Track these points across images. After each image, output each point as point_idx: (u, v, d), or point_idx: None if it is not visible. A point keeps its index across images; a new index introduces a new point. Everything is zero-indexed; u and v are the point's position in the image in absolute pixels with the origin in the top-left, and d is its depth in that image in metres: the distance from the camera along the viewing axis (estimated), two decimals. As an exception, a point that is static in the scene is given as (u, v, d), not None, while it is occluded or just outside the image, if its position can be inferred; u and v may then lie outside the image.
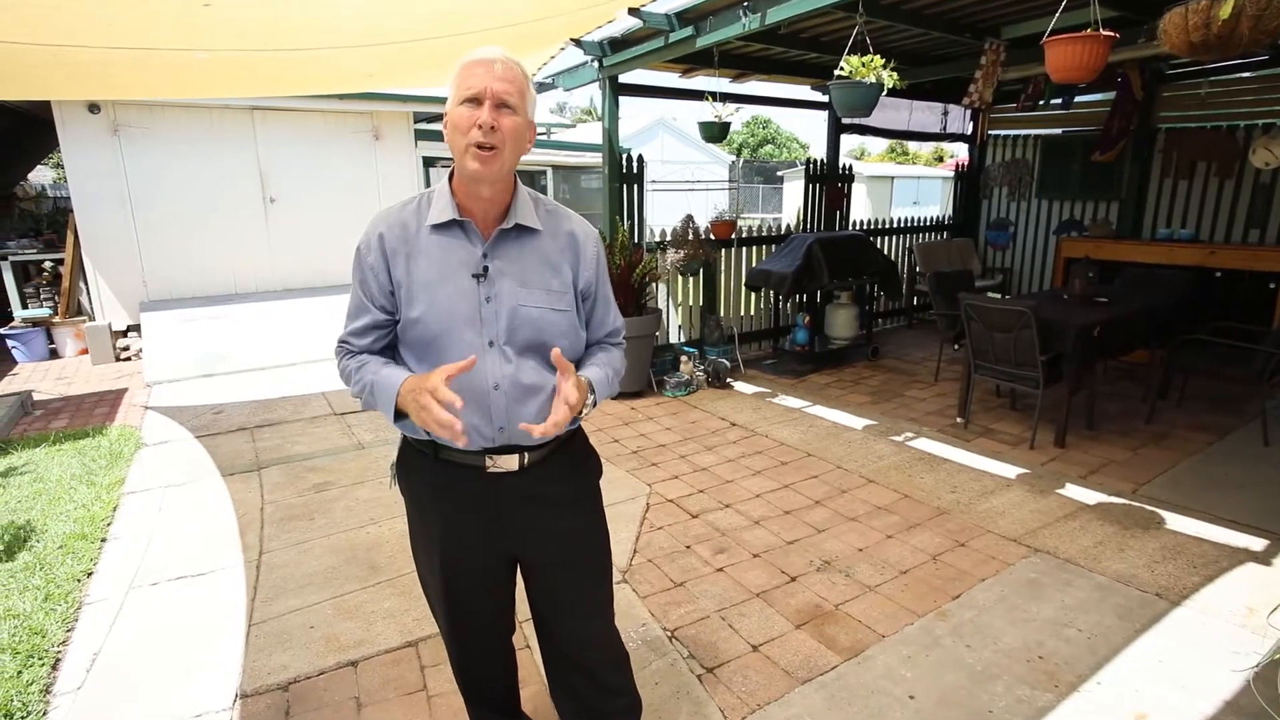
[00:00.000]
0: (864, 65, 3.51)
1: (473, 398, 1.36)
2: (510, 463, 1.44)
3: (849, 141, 7.14)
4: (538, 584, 1.58)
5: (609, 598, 1.67)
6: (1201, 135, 6.29)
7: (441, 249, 1.38)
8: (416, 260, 1.38)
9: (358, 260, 1.43)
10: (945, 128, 7.55)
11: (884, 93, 3.63)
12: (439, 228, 1.39)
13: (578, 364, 1.49)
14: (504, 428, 1.41)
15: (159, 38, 3.07)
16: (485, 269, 1.38)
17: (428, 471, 1.49)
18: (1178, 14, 2.20)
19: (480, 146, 1.28)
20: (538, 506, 1.49)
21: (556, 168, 13.19)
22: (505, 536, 1.51)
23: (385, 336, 1.46)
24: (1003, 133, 7.97)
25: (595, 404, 1.42)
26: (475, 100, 1.29)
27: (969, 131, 7.87)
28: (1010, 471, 3.86)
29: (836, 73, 3.60)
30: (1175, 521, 3.25)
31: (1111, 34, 2.65)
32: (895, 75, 3.52)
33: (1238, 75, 6.09)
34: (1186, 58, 2.48)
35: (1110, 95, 6.71)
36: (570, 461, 1.55)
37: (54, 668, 2.33)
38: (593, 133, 15.31)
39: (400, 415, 1.36)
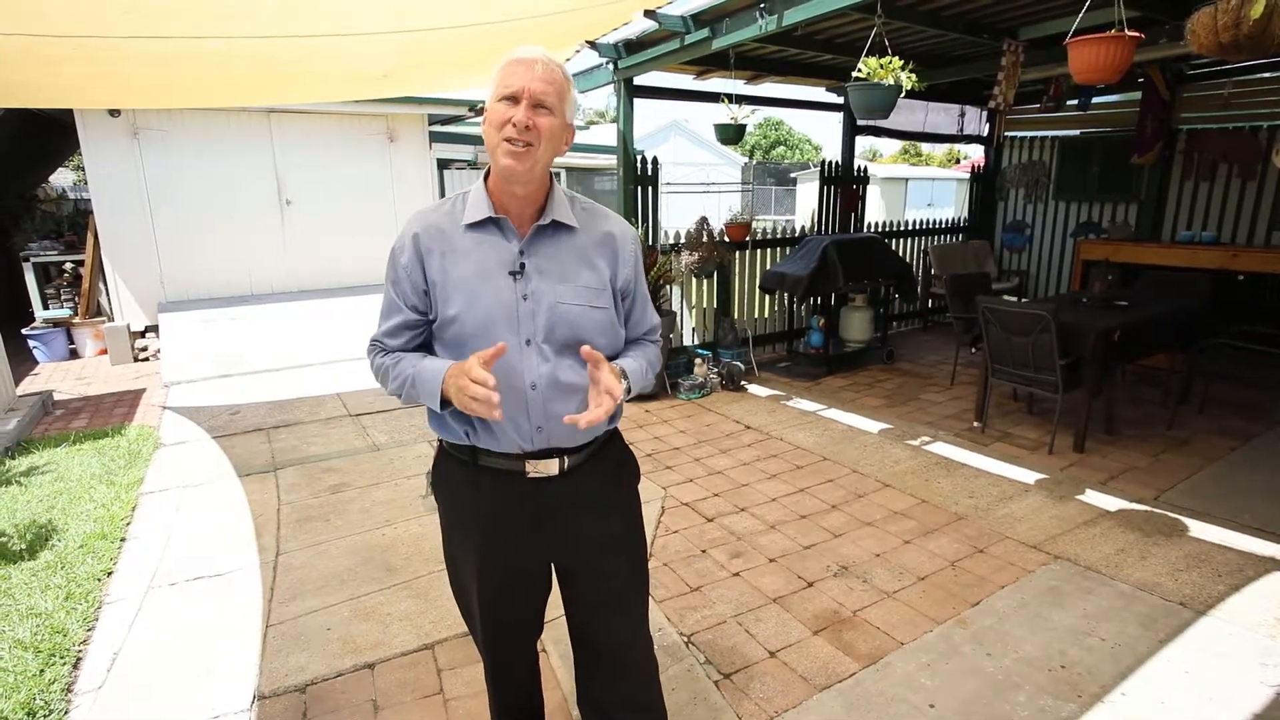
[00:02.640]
0: (882, 67, 3.49)
1: (510, 397, 1.34)
2: (550, 467, 1.42)
3: (861, 143, 7.09)
4: (576, 590, 1.55)
5: (646, 604, 1.63)
6: (1223, 136, 6.21)
7: (477, 247, 1.37)
8: (452, 259, 1.37)
9: (392, 260, 1.41)
10: (962, 129, 7.50)
11: (902, 94, 3.60)
12: (474, 226, 1.37)
13: (612, 359, 1.46)
14: (542, 428, 1.38)
15: (174, 24, 3.07)
16: (522, 266, 1.36)
17: (466, 479, 1.46)
18: (1206, 14, 2.17)
19: (512, 141, 1.27)
20: (579, 511, 1.47)
21: (570, 170, 13.21)
22: (546, 542, 1.49)
23: (417, 337, 1.45)
24: (1019, 134, 7.90)
25: (630, 392, 1.40)
26: (513, 99, 1.28)
27: (985, 133, 7.81)
28: (1029, 477, 3.82)
29: (855, 74, 3.58)
30: (1198, 529, 3.19)
31: (1137, 34, 2.61)
32: (914, 77, 3.49)
33: (1260, 75, 6.00)
34: (1215, 58, 2.44)
35: (1129, 96, 6.64)
36: (611, 464, 1.53)
37: (75, 666, 2.35)
38: (605, 135, 15.31)
39: (445, 405, 1.35)
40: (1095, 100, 6.55)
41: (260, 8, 2.98)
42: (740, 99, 5.34)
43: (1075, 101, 6.20)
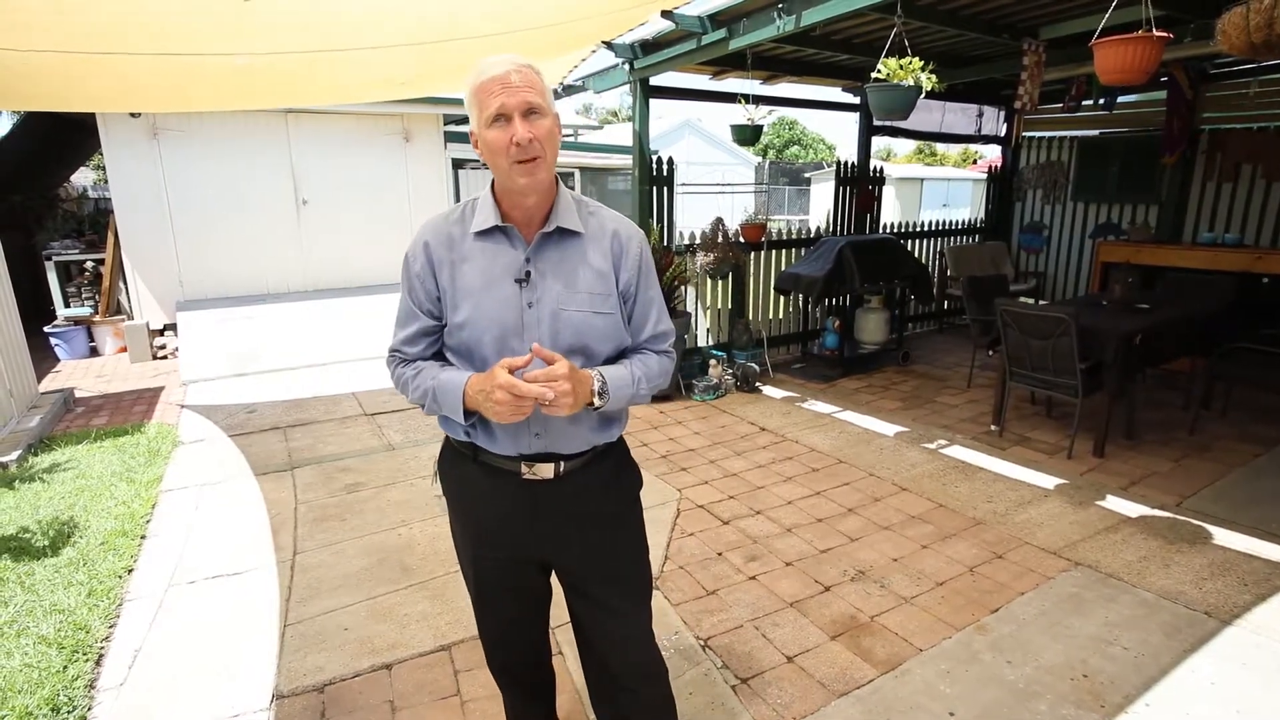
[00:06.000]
0: (902, 68, 3.45)
1: None
2: (546, 470, 1.44)
3: (875, 143, 7.03)
4: (572, 594, 1.58)
5: (645, 613, 1.62)
6: (1247, 136, 6.11)
7: (485, 255, 1.39)
8: (461, 267, 1.39)
9: (405, 268, 1.45)
10: (979, 129, 7.43)
11: (921, 95, 3.57)
12: (482, 234, 1.40)
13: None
14: (540, 434, 1.41)
15: (203, 42, 3.12)
16: (527, 274, 1.38)
17: (467, 473, 1.51)
18: (1238, 14, 2.13)
19: (522, 161, 1.29)
20: (572, 517, 1.49)
21: (584, 169, 13.20)
22: (538, 543, 1.51)
23: (436, 343, 1.48)
24: (1037, 134, 7.81)
25: (607, 397, 1.36)
26: (504, 117, 1.28)
27: (1002, 133, 7.73)
28: (1048, 481, 3.78)
29: (874, 75, 3.55)
30: (1223, 536, 3.15)
31: (1165, 34, 2.57)
32: (934, 78, 3.46)
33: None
34: (1246, 58, 2.40)
35: (1151, 96, 6.54)
36: (608, 473, 1.53)
37: (98, 663, 2.38)
38: (619, 134, 15.30)
39: (469, 416, 1.38)
40: (1118, 100, 6.47)
41: (285, 24, 3.01)
42: (756, 99, 5.31)
43: (1099, 102, 6.11)
